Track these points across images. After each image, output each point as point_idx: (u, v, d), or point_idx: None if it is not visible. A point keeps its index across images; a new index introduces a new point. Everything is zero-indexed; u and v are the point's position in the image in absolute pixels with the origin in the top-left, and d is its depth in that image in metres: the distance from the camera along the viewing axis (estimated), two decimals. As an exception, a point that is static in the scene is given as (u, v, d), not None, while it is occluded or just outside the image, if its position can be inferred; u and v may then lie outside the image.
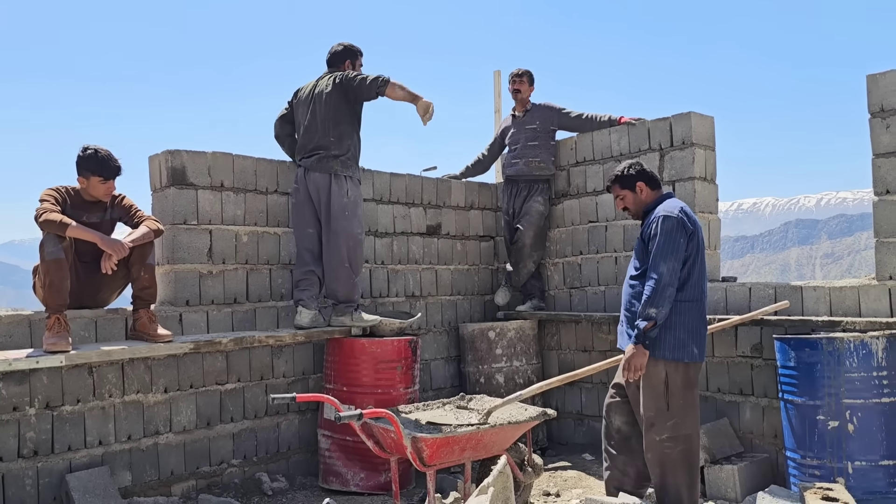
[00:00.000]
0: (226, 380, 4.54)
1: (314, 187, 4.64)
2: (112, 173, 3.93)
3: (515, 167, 5.78)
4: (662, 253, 3.42)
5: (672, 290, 3.41)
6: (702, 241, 3.57)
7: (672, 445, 3.50)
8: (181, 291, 4.44)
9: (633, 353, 3.45)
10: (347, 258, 4.65)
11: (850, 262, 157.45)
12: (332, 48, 4.87)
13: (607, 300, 5.55)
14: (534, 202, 5.73)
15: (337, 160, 4.63)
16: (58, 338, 3.61)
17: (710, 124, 5.21)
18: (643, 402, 3.57)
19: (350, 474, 4.53)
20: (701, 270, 3.55)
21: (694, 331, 3.51)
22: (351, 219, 4.65)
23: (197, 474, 4.38)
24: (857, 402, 3.73)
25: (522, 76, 5.75)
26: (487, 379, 5.50)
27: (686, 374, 3.50)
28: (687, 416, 3.50)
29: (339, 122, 4.63)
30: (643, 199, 3.68)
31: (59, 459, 3.86)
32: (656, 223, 3.48)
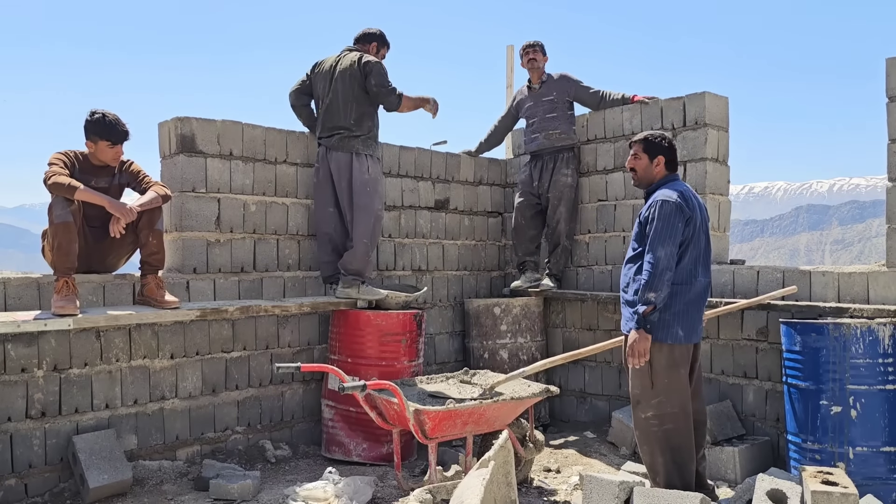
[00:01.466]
0: (231, 348, 4.57)
1: (335, 166, 4.72)
2: (120, 138, 3.93)
3: (536, 142, 5.66)
4: (660, 237, 3.43)
5: (670, 273, 3.42)
6: (700, 225, 3.55)
7: (657, 424, 3.52)
8: (188, 259, 4.45)
9: (636, 338, 3.47)
10: (367, 234, 4.72)
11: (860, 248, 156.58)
12: (368, 28, 4.96)
13: (614, 279, 5.53)
14: (560, 175, 5.58)
15: (358, 139, 4.72)
16: (66, 301, 3.63)
17: (724, 105, 5.15)
18: (630, 380, 3.63)
19: (352, 444, 4.57)
20: (696, 254, 3.54)
21: (680, 313, 3.50)
22: (373, 195, 4.73)
23: (202, 440, 4.43)
24: (862, 389, 3.72)
25: (535, 46, 5.64)
26: (491, 354, 5.51)
27: (671, 355, 3.50)
28: (672, 396, 3.51)
29: (360, 103, 4.72)
30: (654, 172, 3.66)
31: (66, 421, 3.91)
32: (655, 207, 3.49)
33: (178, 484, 4.02)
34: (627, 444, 4.78)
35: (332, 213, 4.82)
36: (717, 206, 5.04)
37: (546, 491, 4.06)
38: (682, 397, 3.53)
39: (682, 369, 3.53)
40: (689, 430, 3.56)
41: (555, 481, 4.25)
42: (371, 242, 4.77)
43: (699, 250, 3.56)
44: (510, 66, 7.24)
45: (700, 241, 3.57)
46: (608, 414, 5.29)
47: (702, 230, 3.58)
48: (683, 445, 3.53)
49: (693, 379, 3.67)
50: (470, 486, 2.55)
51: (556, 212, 5.60)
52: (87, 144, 3.93)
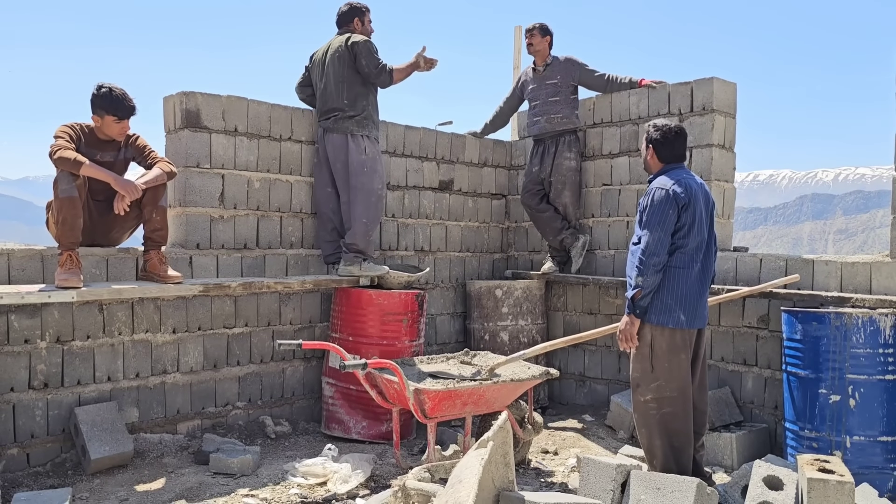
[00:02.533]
0: (233, 324, 4.59)
1: (332, 147, 4.75)
2: (126, 113, 3.92)
3: (538, 125, 5.62)
4: (650, 224, 3.48)
5: (657, 259, 3.45)
6: (701, 211, 3.56)
7: (656, 407, 3.55)
8: (192, 234, 4.46)
9: (626, 323, 3.55)
10: (366, 213, 4.73)
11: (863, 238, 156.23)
12: (340, 8, 4.94)
13: (616, 264, 5.53)
14: (563, 159, 5.55)
15: (352, 120, 4.72)
16: (70, 274, 3.64)
17: (732, 91, 5.12)
18: (631, 363, 3.66)
19: (352, 422, 4.60)
20: (698, 240, 3.55)
21: (682, 297, 3.52)
22: (371, 175, 4.74)
23: (202, 414, 4.46)
24: (861, 378, 3.73)
25: (533, 30, 5.57)
26: (492, 336, 5.53)
27: (672, 339, 3.53)
28: (672, 380, 3.54)
29: (352, 83, 4.73)
30: (649, 161, 3.72)
31: (68, 393, 3.93)
32: (649, 195, 3.54)
33: (179, 457, 4.06)
34: (625, 428, 4.81)
35: (330, 194, 4.86)
36: (722, 193, 5.03)
37: (544, 472, 4.09)
38: (682, 382, 3.55)
39: (682, 354, 3.55)
40: (688, 414, 3.57)
41: (552, 463, 4.28)
42: (370, 222, 4.78)
43: (702, 236, 3.57)
44: (517, 47, 7.18)
45: (703, 227, 3.57)
46: (607, 398, 5.32)
47: (705, 216, 3.59)
48: (681, 430, 3.55)
49: (697, 366, 3.68)
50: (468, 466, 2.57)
51: (560, 195, 5.58)
52: (93, 118, 3.92)
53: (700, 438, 3.73)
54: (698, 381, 3.70)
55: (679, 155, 3.70)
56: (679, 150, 3.69)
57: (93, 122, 3.92)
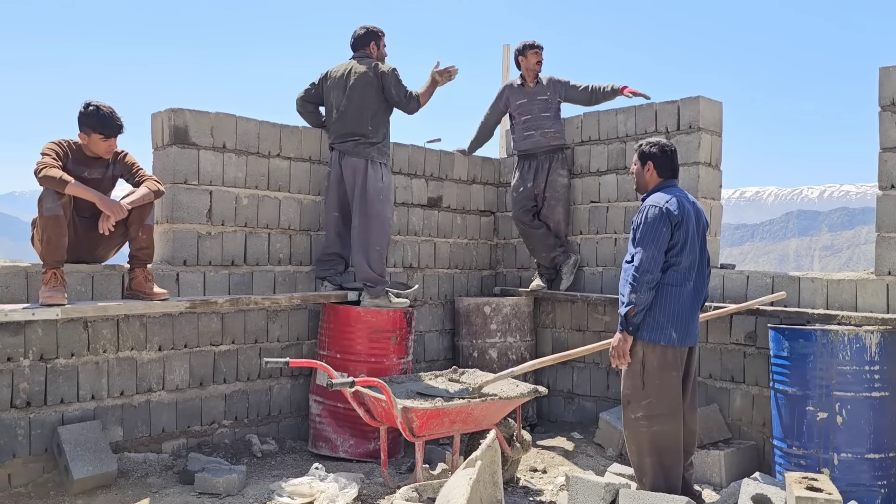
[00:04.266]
0: (220, 341, 4.55)
1: (350, 170, 4.75)
2: (113, 131, 3.90)
3: (531, 139, 5.59)
4: (643, 241, 3.50)
5: (651, 276, 3.47)
6: (693, 229, 3.58)
7: (647, 425, 3.55)
8: (179, 251, 4.43)
9: (619, 340, 3.55)
10: (379, 241, 4.76)
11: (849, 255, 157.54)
12: (355, 32, 4.97)
13: (604, 281, 5.54)
14: (558, 176, 5.57)
15: (374, 147, 4.75)
16: (54, 291, 3.61)
17: (718, 110, 5.17)
18: (622, 380, 3.66)
19: (339, 440, 4.56)
20: (691, 258, 3.58)
21: (675, 315, 3.53)
22: (385, 203, 4.77)
23: (188, 433, 4.41)
24: (848, 395, 3.74)
25: (541, 48, 5.61)
26: (481, 353, 5.52)
27: (663, 357, 3.53)
28: (663, 398, 3.54)
29: (377, 111, 4.77)
30: (646, 178, 3.73)
31: (51, 411, 3.88)
32: (643, 213, 3.56)
33: (164, 477, 4.01)
34: (614, 446, 4.80)
35: (336, 218, 4.88)
36: (709, 211, 5.06)
37: (532, 491, 4.07)
38: (673, 400, 3.55)
39: (673, 371, 3.55)
40: (678, 432, 3.57)
41: (541, 481, 4.26)
42: (384, 249, 4.80)
43: (695, 254, 3.59)
44: (506, 65, 7.23)
45: (695, 245, 3.60)
46: (595, 415, 5.31)
47: (697, 235, 3.61)
48: (672, 447, 3.55)
49: (688, 385, 3.69)
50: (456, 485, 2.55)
51: (553, 212, 5.60)
52: (80, 136, 3.90)
53: (689, 457, 3.73)
54: (689, 399, 3.70)
55: (675, 170, 3.74)
56: (675, 165, 3.74)
57: (80, 139, 3.91)
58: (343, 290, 4.89)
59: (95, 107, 3.84)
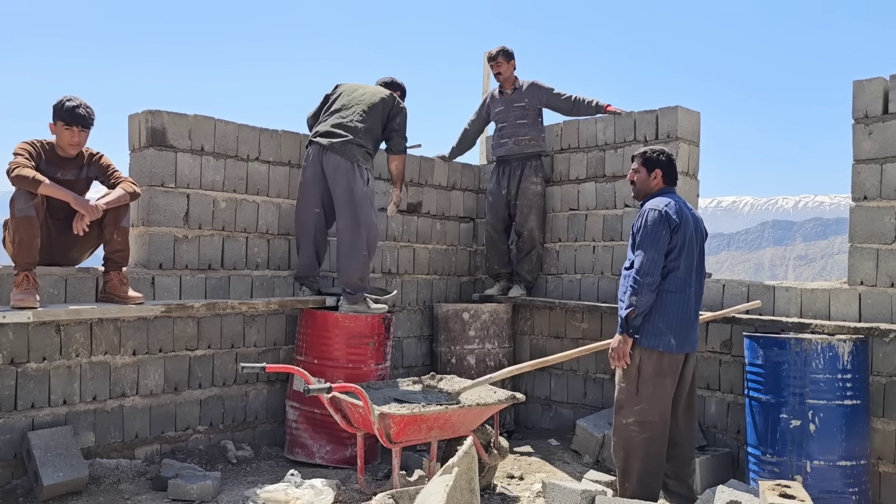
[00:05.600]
0: (196, 346, 4.50)
1: (332, 168, 4.61)
2: (75, 120, 3.78)
3: (505, 146, 5.66)
4: (644, 244, 3.54)
5: (651, 279, 3.50)
6: (690, 235, 3.64)
7: (638, 430, 3.58)
8: (155, 254, 4.38)
9: (619, 341, 3.58)
10: (367, 246, 4.68)
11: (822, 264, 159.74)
12: (395, 78, 5.15)
13: (583, 288, 5.57)
14: (530, 183, 5.60)
15: (361, 150, 4.67)
16: (25, 294, 3.55)
17: (696, 119, 5.22)
18: (616, 385, 3.69)
19: (316, 447, 4.53)
20: (688, 264, 3.64)
21: (673, 321, 3.58)
22: (373, 208, 4.71)
23: (161, 439, 4.35)
24: (821, 403, 3.79)
25: (497, 57, 5.61)
26: (459, 360, 5.51)
27: (659, 363, 3.57)
28: (655, 404, 3.58)
29: (373, 125, 4.77)
30: (651, 184, 3.78)
31: (21, 416, 3.81)
32: (643, 216, 3.60)
33: (136, 483, 3.95)
34: (591, 453, 4.81)
35: (318, 214, 4.74)
36: (686, 219, 5.10)
37: (509, 498, 4.07)
38: (664, 407, 3.61)
39: (668, 379, 3.60)
40: (665, 439, 3.64)
41: (518, 488, 4.26)
42: (370, 254, 4.73)
43: (692, 260, 3.64)
44: (486, 72, 7.24)
45: (693, 251, 3.65)
46: (573, 422, 5.32)
47: (695, 241, 3.66)
48: (658, 454, 3.61)
49: (684, 390, 3.73)
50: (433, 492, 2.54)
51: (526, 220, 5.62)
52: (50, 128, 3.84)
53: (691, 462, 3.77)
54: (686, 404, 3.74)
55: (676, 178, 3.81)
56: (677, 173, 3.83)
57: (49, 131, 3.84)
58: (321, 295, 4.86)
59: (66, 98, 3.79)
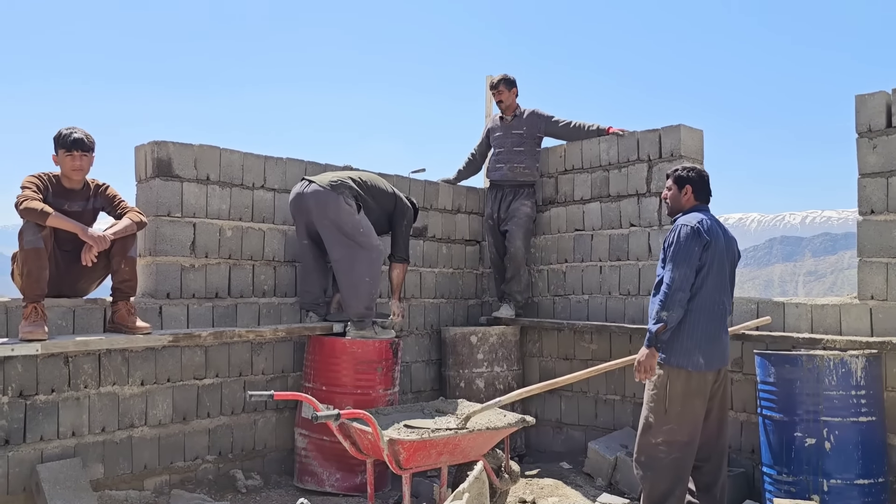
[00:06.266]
0: (204, 375, 4.49)
1: (314, 202, 4.57)
2: (75, 145, 3.81)
3: (500, 172, 5.77)
4: (675, 259, 3.53)
5: (682, 294, 3.50)
6: (721, 253, 3.64)
7: (666, 451, 3.56)
8: (162, 284, 4.39)
9: (645, 354, 3.56)
10: (369, 272, 4.66)
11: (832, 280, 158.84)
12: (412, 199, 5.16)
13: (591, 309, 5.54)
14: (520, 205, 5.70)
15: (346, 187, 4.63)
16: (34, 326, 3.56)
17: (699, 137, 5.23)
18: (644, 404, 3.67)
19: (326, 474, 4.49)
20: (717, 281, 3.63)
21: (702, 340, 3.58)
22: (368, 234, 4.66)
23: (171, 469, 4.33)
24: (835, 421, 3.74)
25: (498, 85, 5.73)
26: (468, 383, 5.48)
27: (687, 383, 3.56)
28: (684, 425, 3.56)
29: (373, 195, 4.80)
30: (683, 201, 3.80)
31: (30, 449, 3.80)
32: (674, 232, 3.61)
33: (145, 515, 3.92)
34: (603, 476, 4.75)
35: (307, 246, 4.77)
36: (693, 238, 5.09)
37: (521, 523, 4.02)
38: (693, 428, 3.58)
39: (696, 400, 3.58)
40: (692, 461, 3.62)
41: (530, 513, 4.20)
42: (373, 280, 4.69)
43: (723, 278, 3.64)
44: (488, 95, 7.29)
45: (724, 268, 3.65)
46: (584, 444, 5.26)
47: (725, 258, 3.66)
48: (685, 476, 3.61)
49: (717, 404, 3.71)
50: (444, 519, 2.51)
51: (513, 240, 5.69)
52: (53, 160, 3.88)
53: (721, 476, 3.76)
54: (718, 417, 3.73)
55: (709, 195, 3.83)
56: (710, 190, 3.83)
57: (53, 162, 3.88)
58: (328, 321, 4.85)
59: (64, 128, 3.86)
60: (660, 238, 5.12)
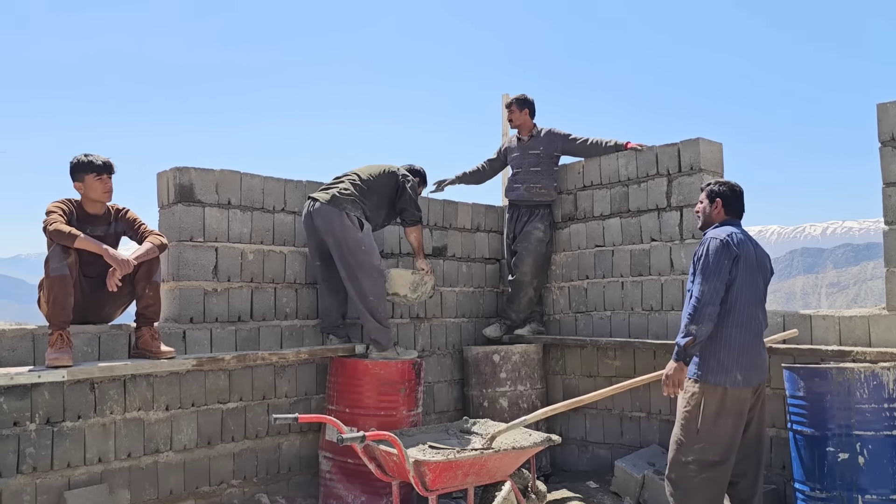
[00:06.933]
0: (228, 398, 4.50)
1: (320, 220, 4.63)
2: (104, 168, 3.92)
3: (517, 192, 5.79)
4: (705, 273, 3.50)
5: (712, 308, 3.45)
6: (752, 267, 3.61)
7: (697, 470, 3.51)
8: (185, 308, 4.42)
9: (673, 368, 3.51)
10: (373, 291, 4.68)
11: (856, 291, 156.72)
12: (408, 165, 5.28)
13: (613, 325, 5.50)
14: (533, 228, 5.70)
15: (349, 199, 4.66)
16: (60, 353, 3.59)
17: (718, 150, 5.20)
18: (677, 421, 3.62)
19: (351, 497, 4.47)
20: (750, 296, 3.59)
21: (740, 357, 3.53)
22: (370, 252, 4.68)
23: (196, 494, 4.32)
24: (868, 434, 3.67)
25: (511, 105, 5.81)
26: (491, 403, 5.44)
27: (722, 400, 3.51)
28: (717, 444, 3.51)
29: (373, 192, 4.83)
30: (713, 215, 3.78)
31: (57, 476, 3.82)
32: (703, 245, 3.58)
33: (172, 541, 3.91)
34: (631, 494, 4.69)
35: (319, 267, 4.82)
36: (715, 251, 5.05)
37: (549, 544, 3.96)
38: (726, 448, 3.52)
39: (731, 418, 3.52)
40: (726, 481, 3.56)
41: (558, 533, 4.15)
42: (378, 298, 4.70)
43: (757, 292, 3.62)
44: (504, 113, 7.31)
45: (757, 283, 3.62)
46: (610, 463, 5.20)
47: (758, 273, 3.63)
48: (718, 497, 3.53)
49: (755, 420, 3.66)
50: (473, 541, 2.49)
51: (521, 263, 5.70)
52: (76, 187, 3.94)
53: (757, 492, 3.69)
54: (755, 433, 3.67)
55: (741, 211, 3.79)
56: (742, 205, 3.80)
57: (77, 191, 3.94)
58: (350, 342, 4.85)
59: (82, 155, 3.92)
60: (681, 252, 5.09)
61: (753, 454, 3.69)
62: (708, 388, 3.51)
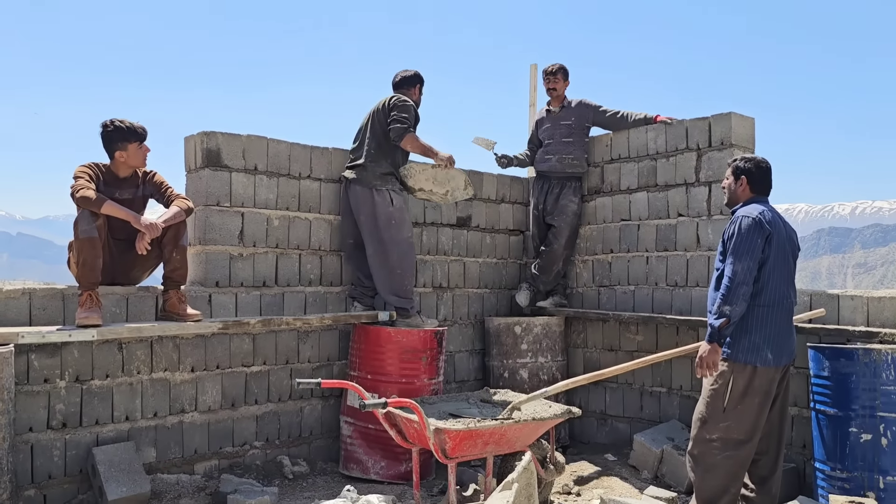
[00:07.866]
0: (252, 362, 4.56)
1: (355, 201, 4.77)
2: (145, 135, 4.02)
3: (548, 163, 5.72)
4: (737, 252, 3.45)
5: (746, 288, 3.41)
6: (784, 245, 3.56)
7: (720, 447, 3.50)
8: (211, 272, 4.46)
9: (707, 350, 3.48)
10: (400, 264, 4.76)
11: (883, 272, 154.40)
12: (403, 72, 5.04)
13: (637, 300, 5.47)
14: (568, 201, 5.67)
15: (376, 175, 4.74)
16: (90, 312, 3.66)
17: (750, 125, 5.10)
18: (702, 398, 3.61)
19: (371, 462, 4.53)
20: (782, 274, 3.55)
21: (772, 336, 3.50)
22: (400, 226, 4.76)
23: (220, 454, 4.41)
24: (893, 416, 3.63)
25: (556, 73, 5.67)
26: (511, 374, 5.46)
27: (751, 380, 3.49)
28: (742, 423, 3.49)
29: (380, 141, 4.79)
30: (738, 193, 3.71)
31: (86, 432, 3.91)
32: (735, 224, 3.53)
33: (196, 498, 4.00)
34: (649, 468, 4.70)
35: (350, 245, 4.92)
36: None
37: (567, 514, 4.00)
38: (752, 427, 3.51)
39: (759, 397, 3.50)
40: (749, 460, 3.55)
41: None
42: (405, 272, 4.79)
43: (788, 270, 3.58)
44: (533, 84, 7.22)
45: (787, 261, 3.58)
46: (629, 436, 5.21)
47: (788, 251, 3.59)
48: (740, 475, 3.54)
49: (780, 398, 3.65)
50: (492, 509, 2.51)
51: (557, 237, 5.69)
52: (117, 155, 3.95)
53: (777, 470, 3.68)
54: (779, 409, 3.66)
55: (768, 187, 3.73)
56: (769, 182, 3.73)
57: (116, 158, 3.96)
58: (374, 310, 4.89)
59: (118, 121, 3.95)
60: (709, 228, 5.03)
61: (776, 432, 3.68)
62: (737, 367, 3.48)
